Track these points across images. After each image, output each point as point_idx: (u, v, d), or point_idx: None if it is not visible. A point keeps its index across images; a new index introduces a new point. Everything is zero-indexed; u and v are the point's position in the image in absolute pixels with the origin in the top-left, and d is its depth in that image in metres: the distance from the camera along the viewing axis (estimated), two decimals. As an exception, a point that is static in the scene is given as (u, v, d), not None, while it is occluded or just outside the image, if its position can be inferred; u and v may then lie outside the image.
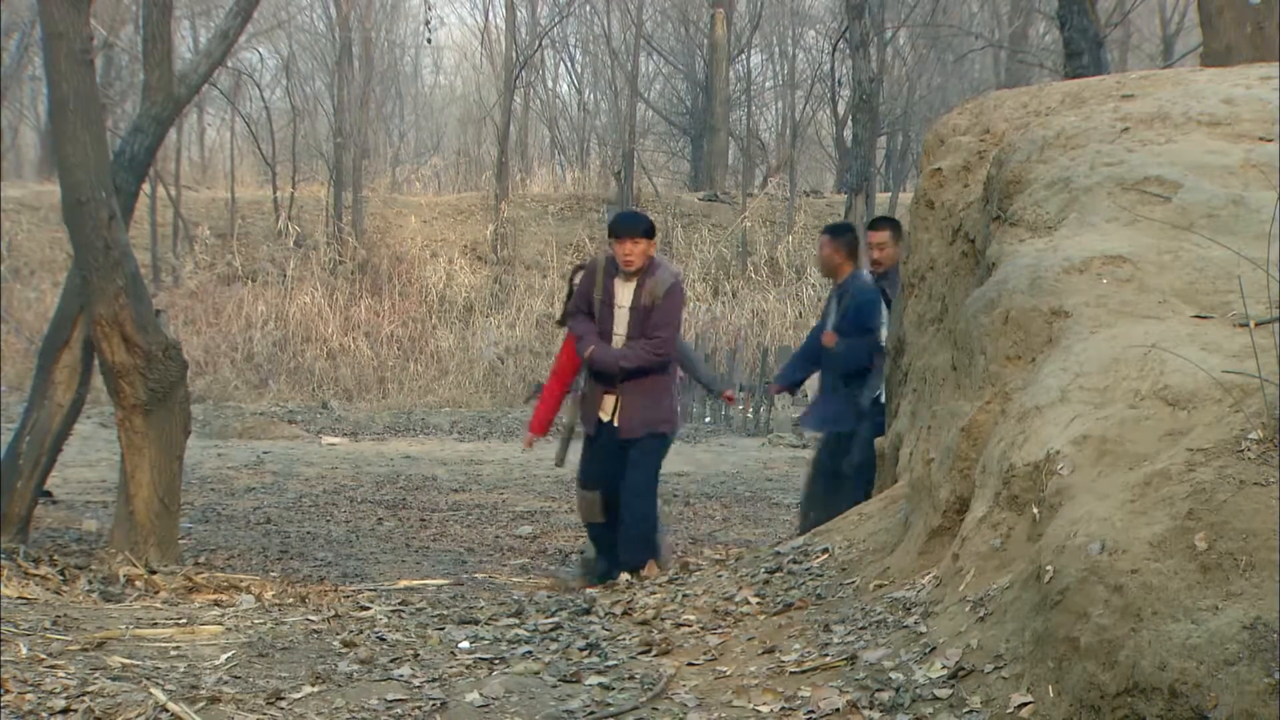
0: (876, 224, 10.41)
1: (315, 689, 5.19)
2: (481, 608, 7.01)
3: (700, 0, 35.64)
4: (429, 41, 32.14)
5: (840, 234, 10.34)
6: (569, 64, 40.20)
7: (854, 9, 16.04)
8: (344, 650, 5.81)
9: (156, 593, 8.96)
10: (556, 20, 35.63)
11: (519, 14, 35.72)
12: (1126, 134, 6.32)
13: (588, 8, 36.12)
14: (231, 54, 17.61)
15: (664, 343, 9.38)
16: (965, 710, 4.43)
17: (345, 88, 33.10)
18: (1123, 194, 5.87)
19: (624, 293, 9.39)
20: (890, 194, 30.35)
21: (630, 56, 35.02)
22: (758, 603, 6.12)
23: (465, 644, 5.87)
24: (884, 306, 9.67)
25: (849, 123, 23.57)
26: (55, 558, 9.79)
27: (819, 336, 10.33)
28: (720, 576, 6.69)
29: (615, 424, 9.44)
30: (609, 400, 9.51)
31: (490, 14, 38.41)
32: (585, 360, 9.46)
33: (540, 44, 36.11)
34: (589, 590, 7.74)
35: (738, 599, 6.22)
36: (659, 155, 39.63)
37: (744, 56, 36.76)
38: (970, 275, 6.75)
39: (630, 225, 9.36)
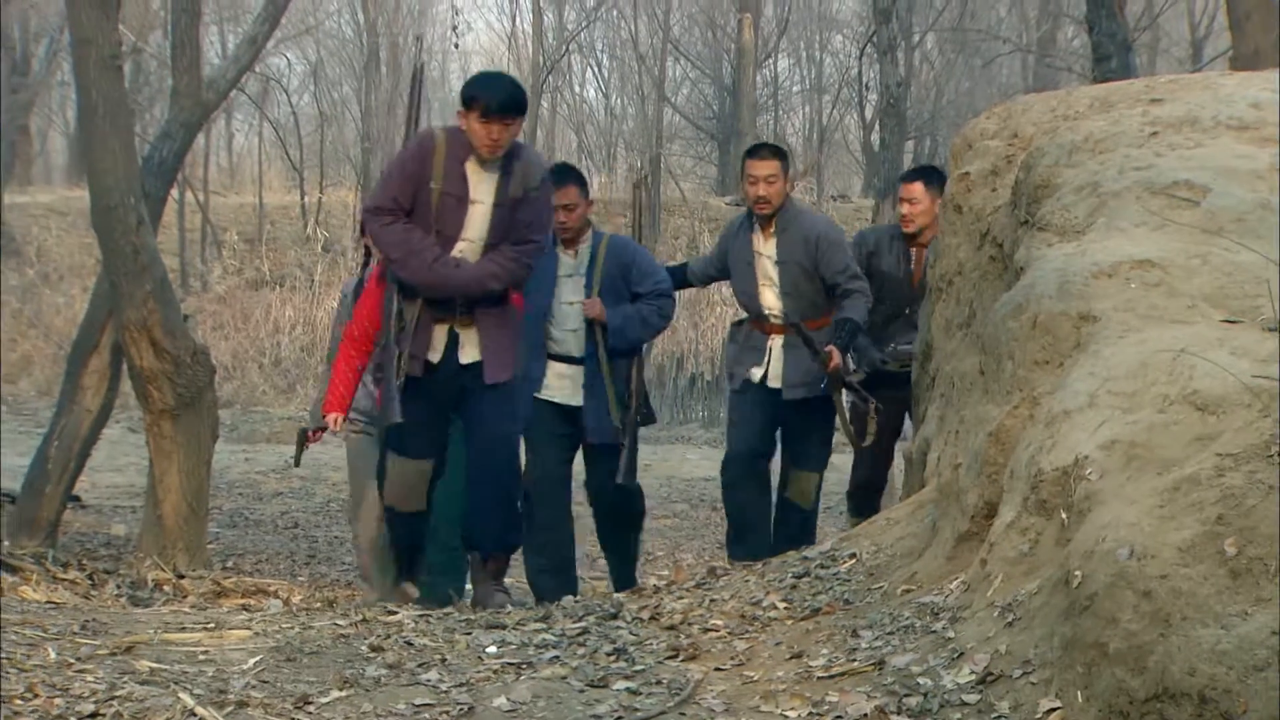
0: (909, 176, 9.66)
1: (343, 693, 5.20)
2: (509, 612, 7.01)
3: (727, 5, 35.65)
4: (456, 47, 32.24)
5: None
6: (596, 69, 40.25)
7: (882, 13, 16.02)
8: (371, 655, 5.82)
9: (185, 597, 9.00)
10: (584, 25, 35.68)
11: (546, 19, 35.79)
12: (1155, 138, 6.31)
13: (615, 13, 36.16)
14: (259, 59, 17.68)
15: (539, 247, 7.32)
16: (994, 715, 4.43)
17: (373, 93, 33.18)
18: (1151, 198, 5.86)
19: (482, 183, 7.08)
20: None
21: (657, 61, 35.05)
22: (785, 608, 6.11)
23: (492, 649, 5.87)
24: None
25: (876, 127, 23.55)
26: (84, 562, 9.84)
27: None
28: (748, 581, 6.68)
29: (464, 362, 7.29)
30: (440, 331, 7.29)
31: (517, 19, 38.45)
32: (426, 283, 7.11)
33: (567, 49, 36.15)
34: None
35: (765, 604, 6.22)
36: (686, 160, 39.64)
37: (771, 61, 36.78)
38: (998, 280, 6.74)
39: (504, 99, 6.99)
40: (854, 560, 6.61)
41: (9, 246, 29.26)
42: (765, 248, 8.78)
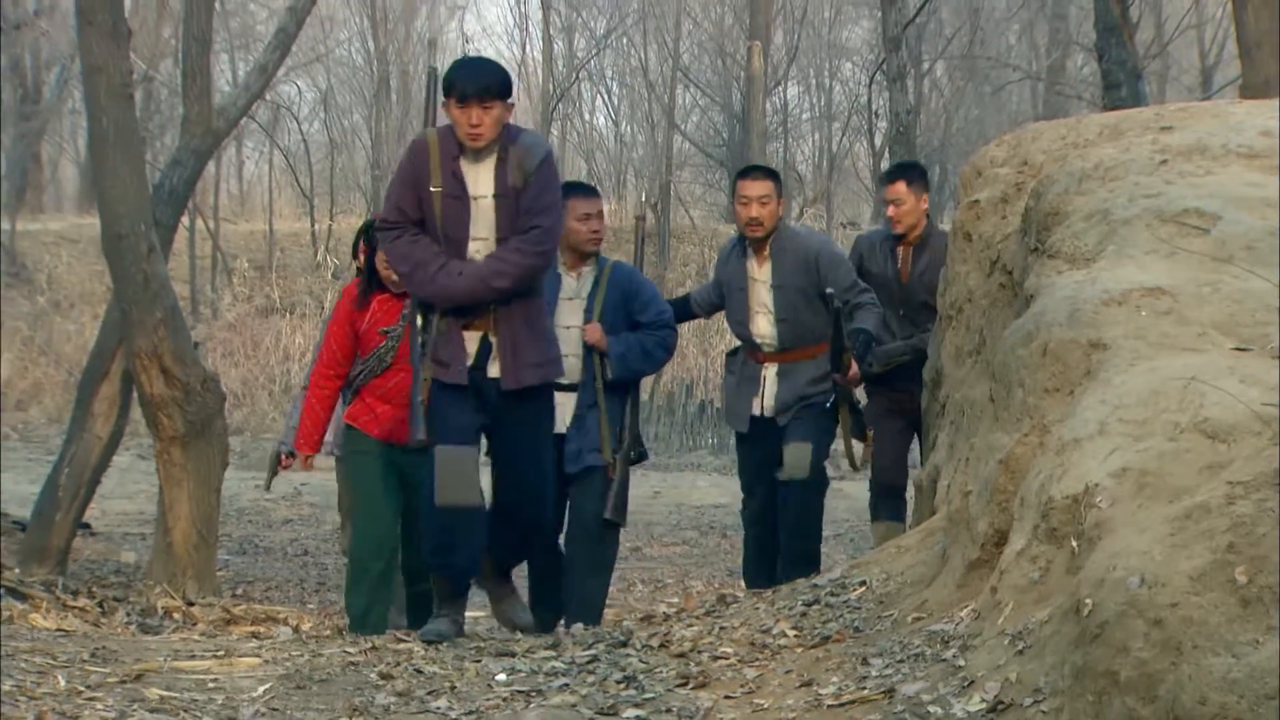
0: (891, 174, 9.51)
1: (352, 721, 5.20)
2: (518, 640, 7.01)
3: (737, 33, 35.71)
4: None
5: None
6: (606, 96, 40.29)
7: (891, 41, 16.05)
8: (381, 682, 5.82)
9: (194, 624, 9.01)
10: (593, 53, 35.75)
11: (556, 46, 35.85)
12: (1165, 166, 6.31)
13: (625, 40, 36.22)
14: (270, 87, 17.74)
15: (547, 233, 6.68)
16: (1004, 744, 4.42)
17: (383, 120, 33.24)
18: (1161, 226, 5.86)
19: (479, 177, 6.64)
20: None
21: (667, 89, 35.09)
22: (795, 635, 6.10)
23: (502, 676, 5.87)
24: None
25: (886, 155, 23.59)
26: (94, 589, 9.85)
27: None
28: (758, 609, 6.68)
29: (493, 375, 6.79)
30: (472, 339, 6.77)
31: (528, 47, 38.49)
32: (432, 295, 6.65)
33: (577, 77, 36.21)
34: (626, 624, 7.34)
35: (775, 631, 6.21)
36: (695, 187, 39.64)
37: (780, 89, 36.79)
38: (1008, 307, 6.74)
39: (479, 80, 6.56)
40: (864, 588, 6.60)
41: (20, 274, 29.31)
42: (759, 273, 8.55)
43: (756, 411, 8.62)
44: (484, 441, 7.09)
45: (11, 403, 25.49)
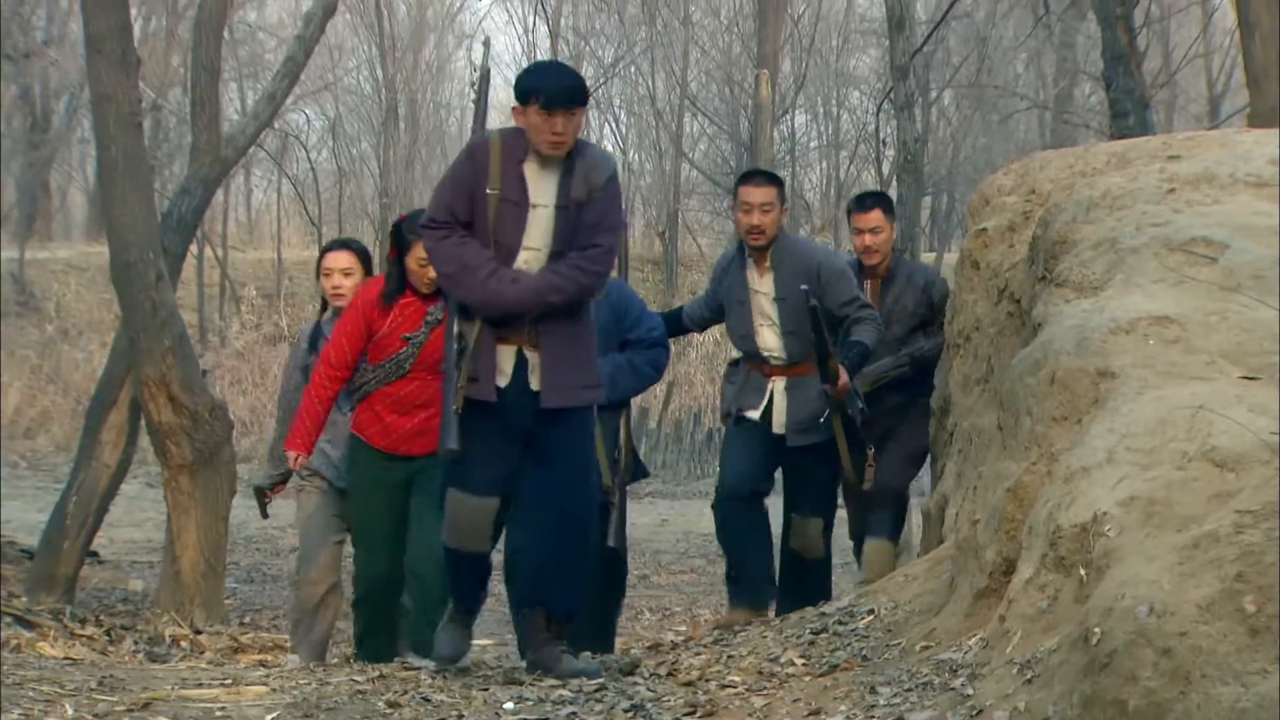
0: (864, 201, 8.94)
1: (360, 750, 5.20)
2: (526, 668, 6.99)
3: (745, 61, 35.75)
4: (474, 102, 32.37)
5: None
6: (614, 124, 40.33)
7: (899, 70, 16.06)
8: (389, 711, 5.81)
9: (202, 653, 9.01)
10: (601, 81, 35.77)
11: (564, 75, 35.88)
12: (1173, 195, 6.32)
13: (632, 69, 36.26)
14: (278, 116, 17.78)
15: (608, 254, 6.38)
16: (1013, 774, 4.41)
17: (391, 149, 33.28)
18: (1169, 255, 5.87)
19: (542, 185, 6.27)
20: (935, 254, 30.33)
21: (675, 117, 35.14)
22: (803, 664, 6.10)
23: (510, 704, 5.86)
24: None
25: (894, 183, 23.60)
26: (101, 618, 9.84)
27: None
28: (765, 637, 6.67)
29: (535, 389, 6.32)
30: (507, 353, 6.34)
31: (536, 76, 38.36)
32: (480, 301, 6.26)
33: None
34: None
35: (783, 660, 6.21)
36: (703, 215, 39.67)
37: (788, 117, 36.83)
38: (1016, 336, 6.74)
39: (566, 87, 6.28)
40: (872, 616, 6.60)
41: (29, 302, 29.34)
42: (761, 284, 8.25)
43: (755, 418, 8.32)
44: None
45: (20, 430, 25.51)
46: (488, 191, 6.22)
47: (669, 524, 17.05)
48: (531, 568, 6.53)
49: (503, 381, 6.31)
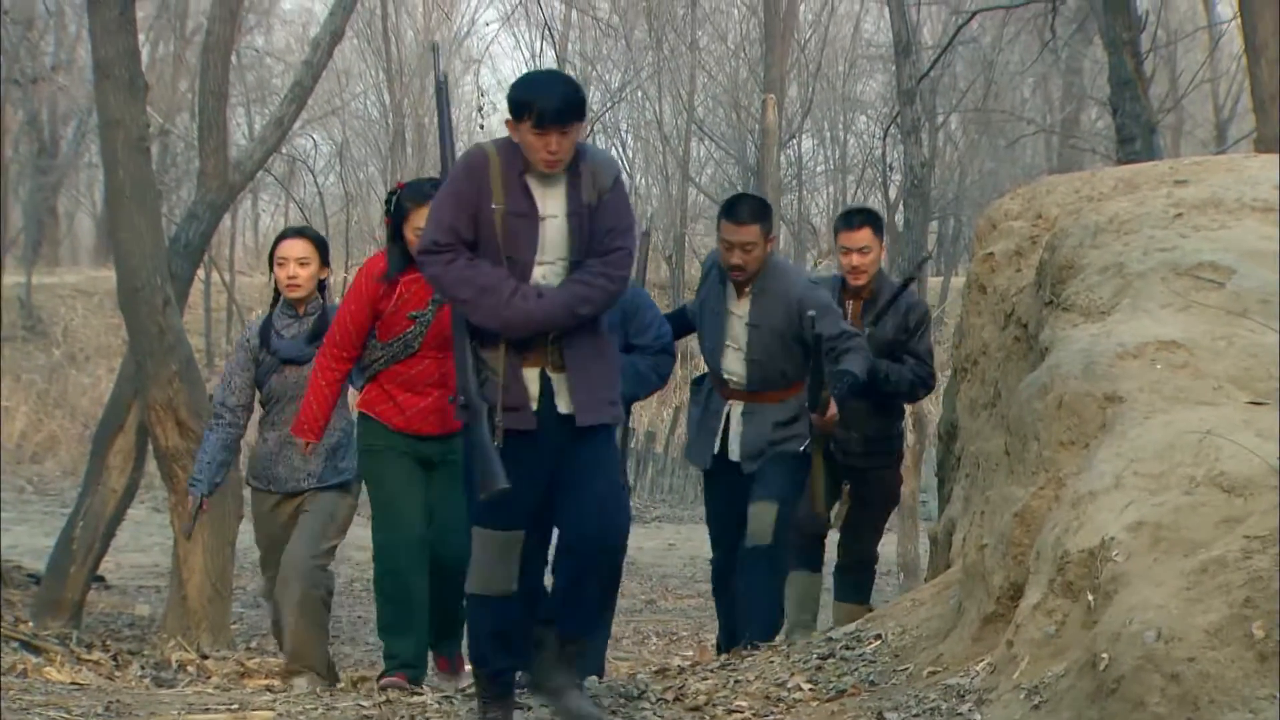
0: (852, 219, 8.59)
1: (366, 775, 5.19)
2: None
3: (751, 86, 35.80)
4: (481, 128, 32.41)
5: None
6: (621, 149, 40.38)
7: (905, 94, 16.09)
8: (395, 736, 5.81)
9: (209, 678, 8.99)
10: (608, 106, 35.83)
11: (572, 98, 35.94)
12: (1180, 220, 6.32)
13: (640, 94, 36.32)
14: (286, 141, 17.81)
15: (629, 256, 5.96)
16: (1020, 799, 4.40)
17: (398, 173, 33.32)
18: (1176, 279, 5.87)
19: (549, 195, 5.81)
20: (942, 278, 30.34)
21: (682, 142, 35.18)
22: (810, 689, 6.09)
23: (517, 731, 5.85)
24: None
25: (900, 207, 23.62)
26: (108, 643, 9.84)
27: None
28: (772, 662, 6.66)
29: (563, 412, 5.81)
30: (531, 376, 5.83)
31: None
32: (506, 322, 5.73)
33: (593, 130, 36.33)
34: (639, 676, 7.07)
35: (790, 685, 6.20)
36: (710, 239, 39.70)
37: (795, 141, 36.88)
38: (1023, 360, 6.74)
39: (559, 102, 5.70)
40: (879, 641, 6.59)
41: (36, 327, 29.38)
42: (738, 307, 7.86)
43: (716, 450, 7.95)
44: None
45: (27, 455, 25.53)
46: (493, 206, 5.74)
47: (676, 549, 17.04)
48: (557, 587, 6.01)
49: (532, 405, 5.80)
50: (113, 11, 10.38)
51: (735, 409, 7.92)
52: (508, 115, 5.79)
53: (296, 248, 7.92)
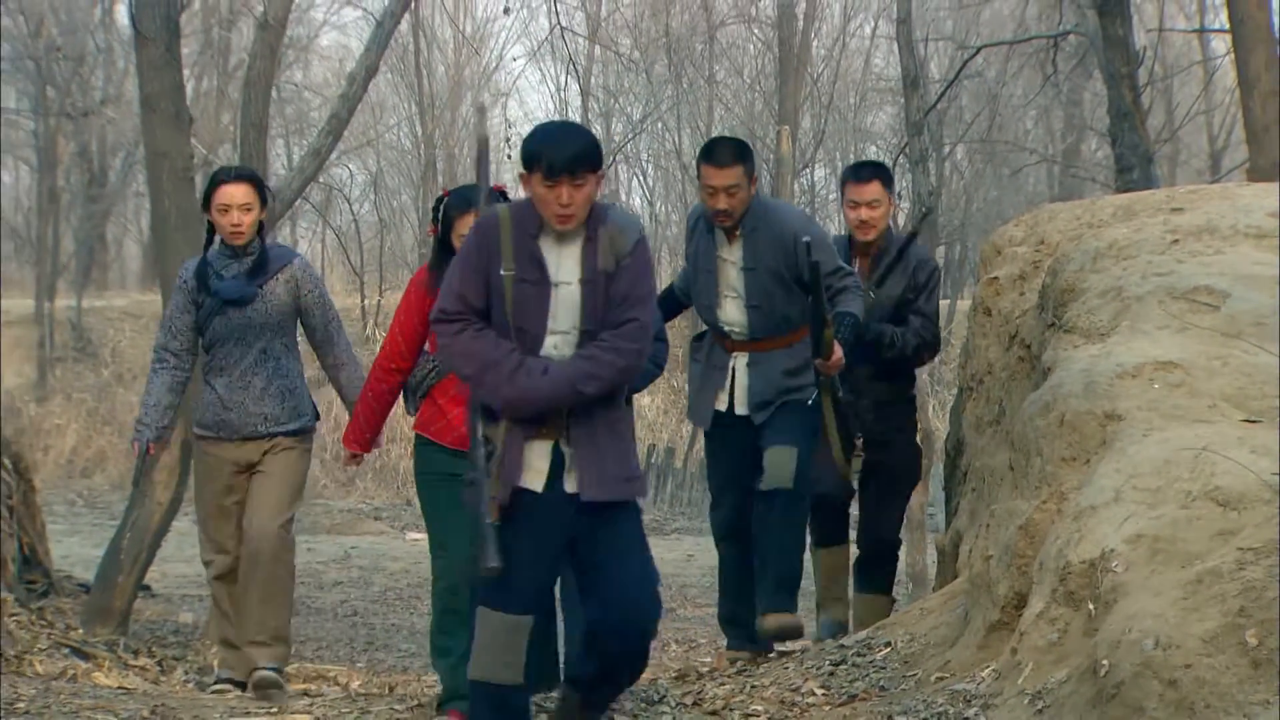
0: (861, 171, 8.04)
1: (400, 776, 5.19)
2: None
3: (766, 117, 35.83)
4: (509, 157, 32.44)
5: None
6: (641, 178, 40.43)
7: (914, 126, 16.08)
8: (427, 739, 5.80)
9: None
10: (630, 137, 35.88)
11: (594, 130, 36.01)
12: (1176, 245, 6.31)
13: (660, 125, 36.36)
14: (323, 170, 17.85)
15: (643, 329, 5.26)
16: (1025, 800, 4.39)
17: (430, 201, 33.35)
18: (1173, 303, 5.86)
19: (563, 260, 5.23)
20: (949, 301, 30.32)
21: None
22: (823, 694, 6.08)
23: (544, 732, 5.83)
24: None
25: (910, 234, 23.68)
26: (153, 649, 9.85)
27: None
28: (787, 668, 6.65)
29: (571, 490, 5.22)
30: (541, 450, 5.25)
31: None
32: (507, 400, 5.18)
33: (614, 159, 36.37)
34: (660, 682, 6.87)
35: (804, 690, 6.19)
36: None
37: (808, 170, 36.89)
38: (1026, 380, 6.73)
39: (569, 151, 5.15)
40: (889, 649, 6.58)
41: (86, 348, 29.46)
42: (730, 253, 7.15)
43: (723, 406, 7.22)
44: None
45: (77, 470, 25.64)
46: (502, 273, 5.18)
47: (695, 559, 17.03)
48: (585, 663, 5.49)
49: (538, 482, 5.21)
50: (159, 49, 10.42)
51: (740, 360, 7.21)
52: (521, 169, 5.26)
53: (240, 193, 7.28)
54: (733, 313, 7.19)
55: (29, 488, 10.95)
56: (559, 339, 5.21)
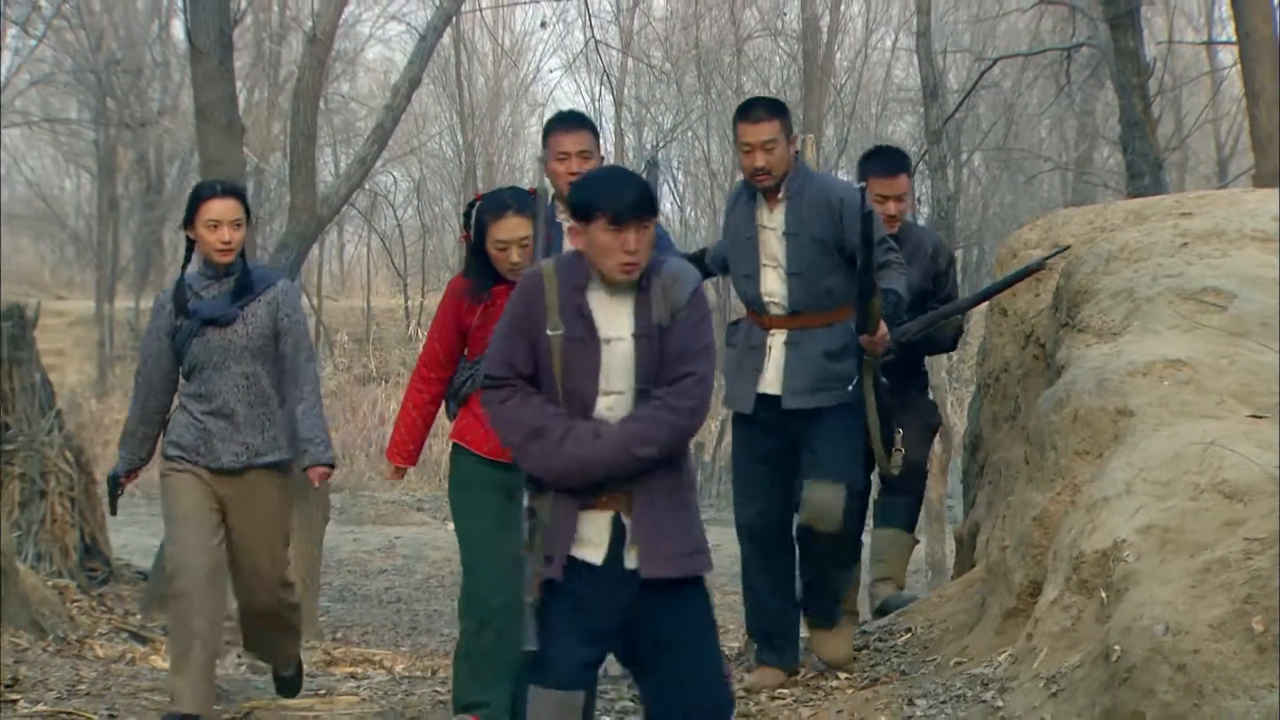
0: (888, 167, 7.38)
1: (442, 755, 5.20)
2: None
3: (792, 125, 35.87)
4: (543, 161, 32.46)
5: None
6: (671, 184, 40.42)
7: (933, 134, 16.06)
8: (468, 719, 5.80)
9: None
10: (661, 145, 35.87)
11: (626, 140, 36.00)
12: (1185, 248, 6.29)
13: (689, 134, 36.35)
14: (368, 178, 17.88)
15: (701, 383, 4.62)
16: (1039, 779, 4.38)
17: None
18: (1182, 303, 5.84)
19: (614, 315, 4.64)
20: (966, 302, 30.23)
21: (728, 177, 35.18)
22: (847, 678, 6.08)
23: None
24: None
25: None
26: (207, 633, 9.85)
27: None
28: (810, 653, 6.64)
29: (631, 567, 4.56)
30: (599, 521, 4.61)
31: (602, 141, 38.60)
32: (556, 472, 4.56)
33: (645, 167, 36.35)
34: None
35: (828, 673, 6.19)
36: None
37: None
38: (1041, 377, 6.72)
39: (633, 195, 4.60)
40: (910, 634, 6.57)
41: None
42: (771, 219, 6.40)
43: (760, 391, 6.40)
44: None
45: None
46: (549, 333, 4.60)
47: (721, 548, 16.97)
48: None
49: (596, 556, 4.60)
50: (212, 62, 10.46)
51: (777, 339, 6.41)
52: (568, 223, 4.78)
53: (230, 209, 6.37)
54: (772, 283, 6.40)
55: (89, 480, 10.98)
56: (613, 399, 4.63)
